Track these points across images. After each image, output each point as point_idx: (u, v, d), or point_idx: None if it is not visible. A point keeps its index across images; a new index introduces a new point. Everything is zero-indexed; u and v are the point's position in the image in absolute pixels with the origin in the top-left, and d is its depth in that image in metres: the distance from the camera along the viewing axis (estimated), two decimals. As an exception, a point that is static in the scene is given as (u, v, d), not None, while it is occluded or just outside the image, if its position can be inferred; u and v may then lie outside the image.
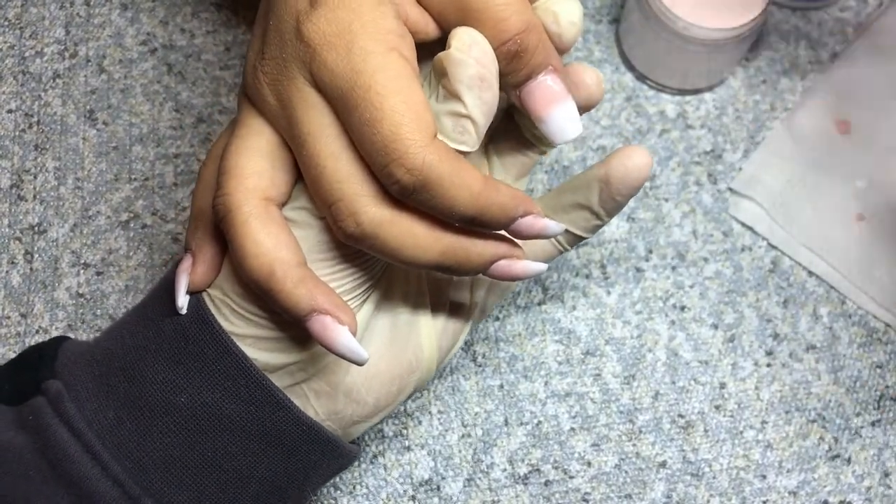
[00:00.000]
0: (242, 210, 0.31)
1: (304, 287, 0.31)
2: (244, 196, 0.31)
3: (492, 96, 0.30)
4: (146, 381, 0.33)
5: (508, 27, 0.30)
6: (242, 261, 0.31)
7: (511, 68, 0.31)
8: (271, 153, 0.32)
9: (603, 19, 0.55)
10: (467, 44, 0.30)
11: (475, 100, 0.30)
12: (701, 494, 0.46)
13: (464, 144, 0.31)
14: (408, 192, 0.29)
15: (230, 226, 0.31)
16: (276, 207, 0.32)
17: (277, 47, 0.31)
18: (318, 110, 0.30)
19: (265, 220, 0.31)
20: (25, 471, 0.32)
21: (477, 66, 0.30)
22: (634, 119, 0.53)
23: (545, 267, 0.34)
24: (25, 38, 0.54)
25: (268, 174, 0.32)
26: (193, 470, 0.33)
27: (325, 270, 0.33)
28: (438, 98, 0.31)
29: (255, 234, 0.31)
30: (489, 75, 0.30)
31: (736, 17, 0.48)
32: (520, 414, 0.47)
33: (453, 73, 0.30)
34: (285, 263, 0.31)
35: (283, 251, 0.31)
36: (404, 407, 0.47)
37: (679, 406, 0.47)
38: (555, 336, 0.49)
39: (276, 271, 0.31)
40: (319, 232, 0.33)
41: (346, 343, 0.32)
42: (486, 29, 0.30)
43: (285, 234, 0.32)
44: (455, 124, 0.30)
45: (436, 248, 0.31)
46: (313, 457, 0.35)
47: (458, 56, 0.30)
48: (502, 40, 0.30)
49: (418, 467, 0.46)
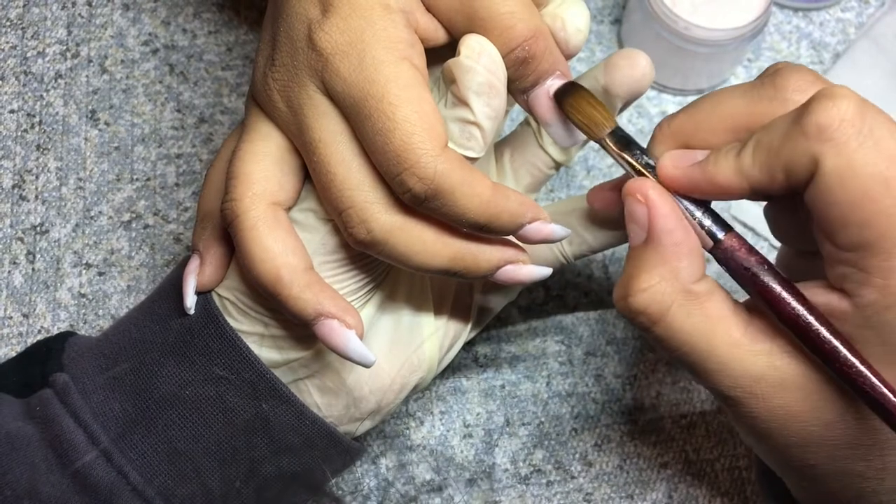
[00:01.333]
0: (250, 215, 0.32)
1: (310, 292, 0.31)
2: (252, 201, 0.32)
3: (500, 103, 0.31)
4: (152, 374, 0.34)
5: (516, 35, 0.30)
6: (250, 266, 0.32)
7: (519, 74, 0.31)
8: (280, 158, 0.32)
9: (604, 20, 0.55)
10: (476, 51, 0.30)
11: (483, 107, 0.30)
12: (703, 495, 0.46)
13: (470, 150, 0.31)
14: (420, 201, 0.30)
15: (238, 230, 0.32)
16: (284, 212, 0.33)
17: (288, 55, 0.31)
18: (329, 118, 0.31)
19: (273, 225, 0.32)
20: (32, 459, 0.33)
21: (486, 73, 0.30)
22: (636, 119, 0.53)
23: (549, 271, 0.35)
24: (27, 39, 0.54)
25: (276, 179, 0.32)
26: (197, 462, 0.34)
27: (330, 272, 0.33)
28: (447, 104, 0.31)
29: (263, 239, 0.32)
30: (497, 82, 0.30)
31: (737, 18, 0.48)
32: (521, 414, 0.47)
33: (462, 80, 0.30)
34: (292, 268, 0.31)
35: (290, 256, 0.32)
36: (406, 407, 0.47)
37: (681, 406, 0.47)
38: (556, 336, 0.49)
39: (284, 276, 0.31)
40: (325, 234, 0.33)
41: (353, 347, 0.32)
42: (494, 36, 0.30)
43: (292, 239, 0.32)
44: (462, 130, 0.31)
45: (445, 253, 0.32)
46: (316, 452, 0.36)
47: (467, 63, 0.30)
48: (510, 48, 0.30)
49: (420, 468, 0.46)
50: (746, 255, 0.28)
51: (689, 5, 0.48)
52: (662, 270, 0.28)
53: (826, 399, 0.28)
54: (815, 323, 0.27)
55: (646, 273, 0.28)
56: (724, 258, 0.29)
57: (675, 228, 0.29)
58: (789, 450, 0.29)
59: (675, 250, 0.29)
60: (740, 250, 0.29)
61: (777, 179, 0.27)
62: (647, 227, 0.29)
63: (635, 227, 0.29)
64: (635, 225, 0.29)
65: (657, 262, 0.28)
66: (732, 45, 0.48)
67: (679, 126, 0.30)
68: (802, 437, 0.28)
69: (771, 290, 0.28)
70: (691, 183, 0.29)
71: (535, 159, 0.39)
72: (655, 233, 0.29)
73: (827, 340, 0.27)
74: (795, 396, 0.28)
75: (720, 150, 0.29)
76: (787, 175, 0.27)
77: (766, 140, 0.27)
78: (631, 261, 0.29)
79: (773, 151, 0.27)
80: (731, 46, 0.48)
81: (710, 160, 0.29)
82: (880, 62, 0.53)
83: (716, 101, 0.30)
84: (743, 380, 0.28)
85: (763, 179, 0.27)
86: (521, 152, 0.39)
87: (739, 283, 0.29)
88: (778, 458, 0.30)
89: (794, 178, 0.26)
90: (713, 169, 0.29)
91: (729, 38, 0.48)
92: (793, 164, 0.26)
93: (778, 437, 0.28)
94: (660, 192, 0.29)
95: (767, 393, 0.28)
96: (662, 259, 0.28)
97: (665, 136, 0.31)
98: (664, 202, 0.29)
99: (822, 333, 0.27)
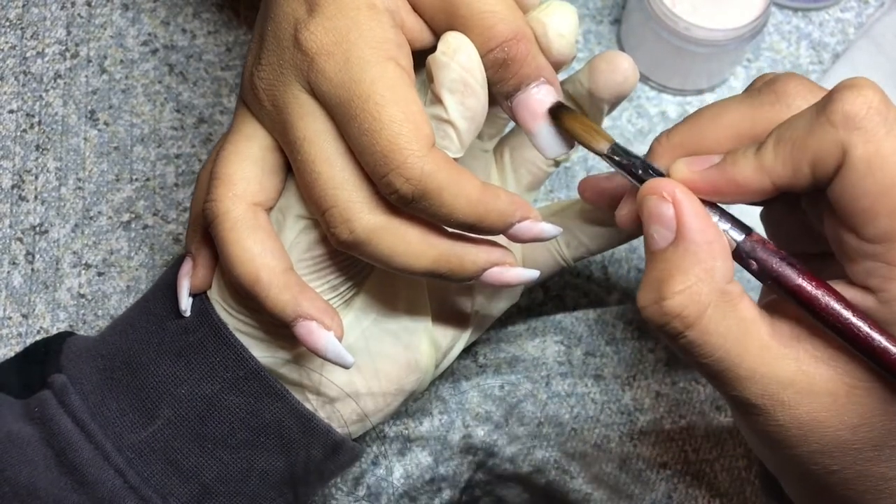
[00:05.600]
0: (230, 216, 0.32)
1: (289, 293, 0.31)
2: (232, 202, 0.32)
3: (476, 103, 0.30)
4: (148, 373, 0.34)
5: (495, 34, 0.29)
6: (230, 267, 0.32)
7: (499, 77, 0.30)
8: (262, 158, 0.32)
9: (604, 20, 0.55)
10: (452, 48, 0.29)
11: (457, 105, 0.30)
12: (702, 495, 0.46)
13: (447, 150, 0.31)
14: (407, 201, 0.29)
15: (218, 231, 0.32)
16: (265, 213, 0.33)
17: (274, 53, 0.31)
18: (314, 117, 0.30)
19: (252, 226, 0.32)
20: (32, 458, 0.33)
21: (460, 70, 0.29)
22: (636, 120, 0.53)
23: (537, 273, 0.34)
24: (27, 39, 0.54)
25: (257, 179, 0.32)
26: (194, 460, 0.34)
27: (306, 270, 0.33)
28: (426, 102, 0.31)
29: (243, 240, 0.32)
30: (473, 81, 0.30)
31: (737, 18, 0.48)
32: (521, 414, 0.47)
33: (437, 77, 0.30)
34: (271, 269, 0.31)
35: (269, 257, 0.32)
36: (405, 407, 0.47)
37: (680, 406, 0.47)
38: (556, 336, 0.49)
39: (262, 277, 0.31)
40: (299, 232, 0.33)
41: (330, 348, 0.32)
42: (474, 35, 0.30)
43: (272, 240, 0.32)
44: (437, 128, 0.30)
45: (429, 254, 0.31)
46: (313, 451, 0.36)
47: (442, 59, 0.30)
48: (489, 47, 0.30)
49: (419, 468, 0.46)
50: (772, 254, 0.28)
51: (688, 5, 0.48)
52: (698, 271, 0.27)
53: (853, 402, 0.27)
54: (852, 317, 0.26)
55: (681, 274, 0.27)
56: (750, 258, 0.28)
57: (707, 227, 0.28)
58: (812, 456, 0.28)
59: (709, 249, 0.27)
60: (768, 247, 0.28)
61: (802, 173, 0.26)
62: (676, 228, 0.28)
63: (660, 229, 0.28)
64: (660, 226, 0.28)
65: (693, 262, 0.27)
66: (732, 45, 0.48)
67: (681, 138, 0.30)
68: (826, 443, 0.27)
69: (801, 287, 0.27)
70: (710, 185, 0.28)
71: (535, 157, 0.38)
72: (687, 232, 0.27)
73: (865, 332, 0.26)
74: (823, 402, 0.27)
75: (737, 150, 0.28)
76: (813, 168, 0.26)
77: (789, 134, 0.27)
78: (658, 263, 0.28)
79: (798, 144, 0.26)
80: (731, 47, 0.48)
81: (728, 160, 0.28)
82: (880, 62, 0.53)
83: (716, 111, 0.29)
84: (772, 386, 0.27)
85: (787, 174, 0.27)
86: (520, 151, 0.39)
87: (766, 283, 0.28)
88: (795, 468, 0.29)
89: (821, 169, 0.26)
90: (733, 168, 0.28)
91: (728, 38, 0.48)
92: (820, 154, 0.26)
93: (800, 444, 0.28)
94: (685, 191, 0.28)
95: (794, 399, 0.27)
96: (697, 259, 0.27)
97: (666, 149, 0.30)
98: (692, 201, 0.28)
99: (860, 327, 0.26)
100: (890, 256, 0.25)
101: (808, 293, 0.27)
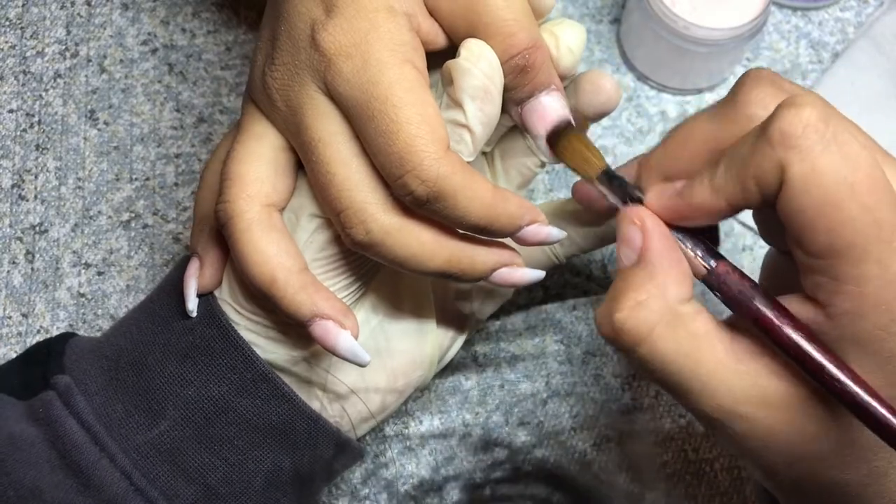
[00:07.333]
0: (244, 217, 0.32)
1: (305, 293, 0.32)
2: (246, 203, 0.32)
3: (492, 109, 0.31)
4: (154, 374, 0.34)
5: (517, 42, 0.30)
6: (245, 268, 0.32)
7: (516, 83, 0.31)
8: (274, 158, 0.33)
9: (603, 19, 0.55)
10: (476, 54, 0.30)
11: (476, 111, 0.30)
12: (701, 494, 0.46)
13: (459, 154, 0.31)
14: (422, 203, 0.30)
15: (232, 233, 0.32)
16: (278, 213, 0.33)
17: (290, 54, 0.31)
18: (329, 118, 0.31)
19: (267, 227, 0.32)
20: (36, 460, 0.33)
21: (483, 77, 0.30)
22: (635, 119, 0.53)
23: (542, 274, 0.35)
24: (26, 38, 0.54)
25: (270, 180, 0.32)
26: (199, 462, 0.34)
27: (319, 269, 0.33)
28: (441, 106, 0.31)
29: (257, 241, 0.32)
30: (493, 88, 0.30)
31: (737, 17, 0.48)
32: (521, 414, 0.47)
33: (458, 83, 0.30)
34: (287, 270, 0.32)
35: (284, 258, 0.32)
36: (405, 406, 0.47)
37: (679, 406, 0.47)
38: (556, 336, 0.49)
39: (279, 278, 0.31)
40: (311, 232, 0.33)
41: (347, 346, 0.32)
42: (496, 42, 0.30)
43: (286, 240, 0.32)
44: (452, 132, 0.31)
45: (441, 255, 0.32)
46: (318, 451, 0.36)
47: (465, 66, 0.30)
48: (510, 54, 0.30)
49: (419, 467, 0.46)
50: (738, 281, 0.28)
51: (687, 5, 0.48)
52: (650, 287, 0.28)
53: (809, 414, 0.27)
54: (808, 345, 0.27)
55: (633, 291, 0.28)
56: (717, 284, 0.29)
57: (666, 251, 0.29)
58: (776, 467, 0.28)
59: (664, 270, 0.28)
60: (732, 276, 0.29)
61: (750, 192, 0.27)
62: (640, 249, 0.29)
63: (627, 250, 0.29)
64: (627, 248, 0.29)
65: (645, 280, 0.28)
66: (731, 44, 0.48)
67: (657, 161, 0.30)
68: (787, 455, 0.28)
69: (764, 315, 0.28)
70: (674, 211, 0.29)
71: (525, 159, 0.39)
72: (647, 254, 0.28)
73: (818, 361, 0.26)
74: (779, 415, 0.27)
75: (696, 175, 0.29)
76: (758, 186, 0.27)
77: (736, 154, 0.27)
78: (618, 282, 0.29)
79: (744, 164, 0.27)
80: (730, 46, 0.48)
81: (687, 185, 0.29)
82: (879, 62, 0.53)
83: (687, 131, 0.30)
84: (727, 401, 0.27)
85: (737, 193, 0.27)
86: (512, 153, 0.39)
87: (732, 309, 0.29)
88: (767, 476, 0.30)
89: (765, 187, 0.26)
90: (689, 192, 0.29)
91: (728, 37, 0.48)
92: (762, 173, 0.26)
93: (764, 456, 0.28)
94: (654, 219, 0.29)
95: (750, 413, 0.27)
96: (650, 276, 0.28)
97: (646, 172, 0.31)
98: (658, 227, 0.29)
99: (814, 357, 0.26)
100: (834, 271, 0.26)
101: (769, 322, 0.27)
